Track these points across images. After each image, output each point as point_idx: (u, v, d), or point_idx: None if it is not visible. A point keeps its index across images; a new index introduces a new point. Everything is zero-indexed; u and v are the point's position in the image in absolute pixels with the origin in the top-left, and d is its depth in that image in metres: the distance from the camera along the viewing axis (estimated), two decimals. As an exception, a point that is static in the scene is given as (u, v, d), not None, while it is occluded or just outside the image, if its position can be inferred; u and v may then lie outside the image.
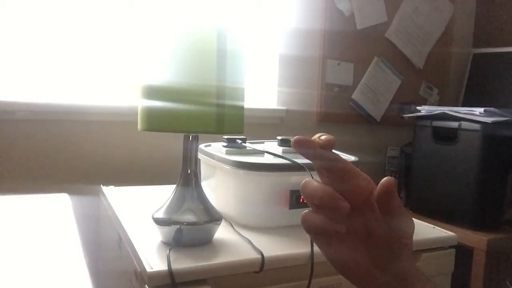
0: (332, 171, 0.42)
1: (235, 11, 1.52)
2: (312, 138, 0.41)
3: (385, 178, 0.39)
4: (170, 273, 0.59)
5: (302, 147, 0.40)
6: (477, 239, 1.31)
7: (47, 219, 0.83)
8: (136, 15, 1.33)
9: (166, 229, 0.70)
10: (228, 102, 0.67)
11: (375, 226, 0.42)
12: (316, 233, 0.43)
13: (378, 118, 1.81)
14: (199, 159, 0.93)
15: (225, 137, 0.93)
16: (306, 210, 0.43)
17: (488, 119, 1.31)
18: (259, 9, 1.57)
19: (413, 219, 0.44)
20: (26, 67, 1.24)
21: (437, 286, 0.45)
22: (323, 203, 0.41)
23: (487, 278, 1.32)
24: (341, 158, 0.42)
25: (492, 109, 1.34)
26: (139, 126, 0.69)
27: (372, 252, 0.43)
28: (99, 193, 1.12)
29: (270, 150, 0.91)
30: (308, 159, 0.42)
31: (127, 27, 1.34)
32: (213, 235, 0.74)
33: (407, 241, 0.42)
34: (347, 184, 0.42)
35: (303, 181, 0.43)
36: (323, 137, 0.42)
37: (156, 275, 0.60)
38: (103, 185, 1.12)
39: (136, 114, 0.69)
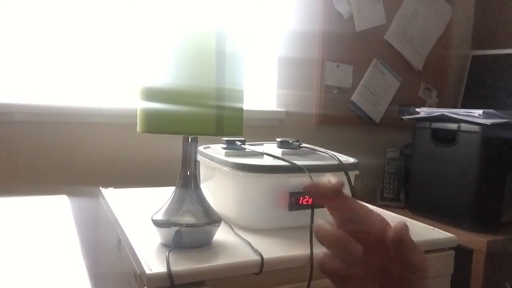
0: (344, 213, 0.43)
1: (235, 13, 1.52)
2: (323, 183, 0.43)
3: (397, 223, 0.41)
4: (169, 275, 0.59)
5: (313, 192, 0.43)
6: (477, 241, 1.31)
7: (46, 221, 0.83)
8: (135, 17, 1.33)
9: (166, 231, 0.70)
10: (227, 104, 0.67)
11: (390, 265, 0.42)
12: (334, 277, 0.44)
13: (377, 120, 1.81)
14: (198, 161, 0.93)
15: (225, 139, 0.93)
16: (322, 255, 0.45)
17: (487, 121, 1.31)
18: (258, 11, 1.57)
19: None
20: (24, 68, 1.24)
21: None
22: (336, 248, 0.43)
23: (487, 280, 1.32)
24: (353, 200, 0.44)
25: (491, 110, 1.34)
26: (138, 128, 0.69)
27: None
28: (98, 195, 1.12)
29: (269, 152, 0.91)
30: (320, 203, 0.44)
31: (126, 29, 1.34)
32: (213, 237, 0.74)
33: (420, 276, 0.42)
34: (360, 225, 0.43)
35: (315, 226, 0.44)
36: (332, 181, 0.43)
37: (156, 277, 0.60)
38: (102, 187, 1.12)
39: (135, 116, 0.70)
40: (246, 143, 0.95)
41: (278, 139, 0.95)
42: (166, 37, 0.66)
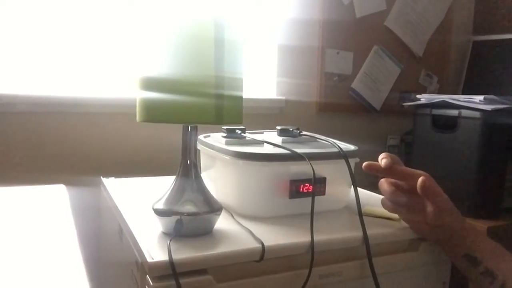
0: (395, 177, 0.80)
1: (233, 1, 1.51)
2: (381, 159, 0.79)
3: (419, 179, 0.74)
4: (171, 263, 0.60)
5: (371, 171, 0.79)
6: (478, 227, 1.31)
7: (42, 210, 0.83)
8: (134, 6, 1.32)
9: (167, 219, 0.70)
10: (227, 92, 0.67)
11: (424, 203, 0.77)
12: (397, 205, 0.80)
13: (378, 107, 1.81)
14: (199, 150, 0.93)
15: (225, 127, 0.93)
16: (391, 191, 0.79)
17: (488, 107, 1.31)
18: (257, -2, 1.56)
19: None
20: (24, 59, 1.24)
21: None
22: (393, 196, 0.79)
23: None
24: (399, 167, 0.78)
25: (491, 96, 1.34)
26: (137, 118, 0.69)
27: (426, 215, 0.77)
28: (99, 184, 1.12)
29: (270, 140, 0.91)
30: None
31: (125, 18, 1.33)
32: (214, 225, 0.74)
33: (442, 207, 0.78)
34: (408, 182, 0.78)
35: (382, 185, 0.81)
36: (383, 162, 0.78)
37: (157, 266, 0.60)
38: (103, 177, 1.12)
39: (135, 106, 0.69)
40: (246, 131, 0.95)
41: (278, 127, 0.95)
42: (164, 25, 0.65)
